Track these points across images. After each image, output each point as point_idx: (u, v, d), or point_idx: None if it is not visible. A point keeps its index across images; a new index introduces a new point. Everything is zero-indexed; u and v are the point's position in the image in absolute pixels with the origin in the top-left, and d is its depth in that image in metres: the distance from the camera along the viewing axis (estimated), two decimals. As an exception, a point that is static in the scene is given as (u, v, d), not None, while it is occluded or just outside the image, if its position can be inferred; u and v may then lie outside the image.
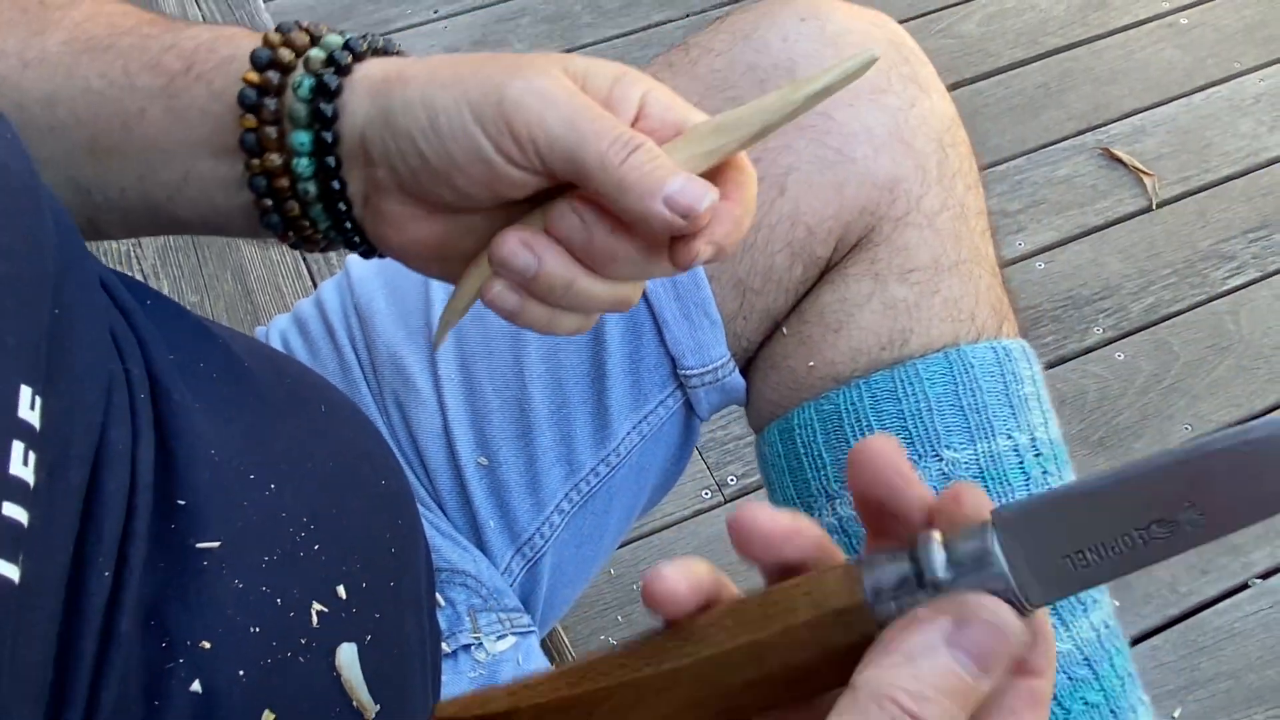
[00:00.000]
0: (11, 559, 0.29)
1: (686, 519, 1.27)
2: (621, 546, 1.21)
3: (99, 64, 0.42)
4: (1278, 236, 1.53)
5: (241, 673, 0.35)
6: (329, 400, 0.49)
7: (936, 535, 0.28)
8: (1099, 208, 1.57)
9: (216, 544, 0.37)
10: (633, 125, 0.37)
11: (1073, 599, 0.50)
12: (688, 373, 0.56)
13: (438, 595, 0.53)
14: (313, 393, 0.48)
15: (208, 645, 0.35)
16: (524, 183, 0.37)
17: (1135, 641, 1.19)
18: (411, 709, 0.44)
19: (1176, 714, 1.14)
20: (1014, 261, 1.52)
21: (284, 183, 0.40)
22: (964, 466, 0.49)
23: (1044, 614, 0.29)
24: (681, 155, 0.36)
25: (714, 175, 0.37)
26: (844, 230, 0.53)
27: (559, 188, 0.37)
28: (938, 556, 0.28)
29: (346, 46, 0.40)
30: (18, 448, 0.29)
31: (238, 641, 0.36)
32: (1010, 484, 0.50)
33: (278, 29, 0.41)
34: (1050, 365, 1.41)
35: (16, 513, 0.29)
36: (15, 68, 0.42)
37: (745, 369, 0.58)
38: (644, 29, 1.83)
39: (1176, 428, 1.35)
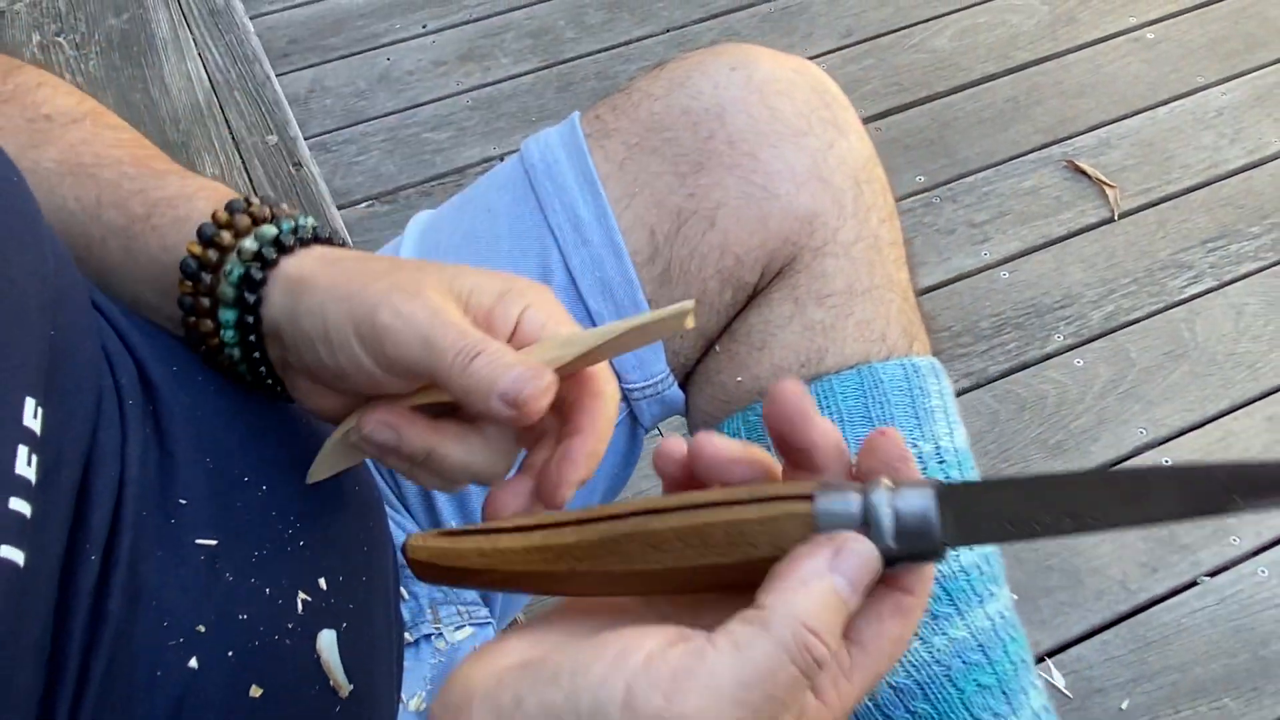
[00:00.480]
0: (17, 545, 0.34)
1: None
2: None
3: (78, 188, 0.48)
4: (1234, 246, 1.59)
5: (231, 653, 0.41)
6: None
7: (885, 491, 0.33)
8: (1063, 218, 1.63)
9: (214, 542, 0.42)
10: (510, 337, 0.41)
11: (969, 591, 0.55)
12: (630, 386, 0.62)
13: (403, 589, 0.59)
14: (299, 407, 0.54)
15: (203, 629, 0.40)
16: (402, 387, 0.41)
17: (1086, 636, 1.24)
18: (377, 691, 0.50)
19: (1124, 705, 1.20)
20: (980, 271, 1.57)
21: (215, 341, 0.45)
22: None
23: (927, 580, 0.35)
24: (533, 359, 0.40)
25: (575, 403, 0.41)
26: (769, 259, 0.58)
27: None
28: (886, 519, 0.33)
29: (277, 241, 0.45)
30: (22, 451, 0.35)
31: (230, 626, 0.41)
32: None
33: (228, 207, 0.46)
34: (1012, 371, 1.47)
35: (21, 506, 0.35)
36: None
37: (684, 383, 0.64)
38: (625, 44, 1.89)
39: (1132, 432, 1.40)
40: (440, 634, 0.58)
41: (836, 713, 0.32)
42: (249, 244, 0.44)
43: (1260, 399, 1.43)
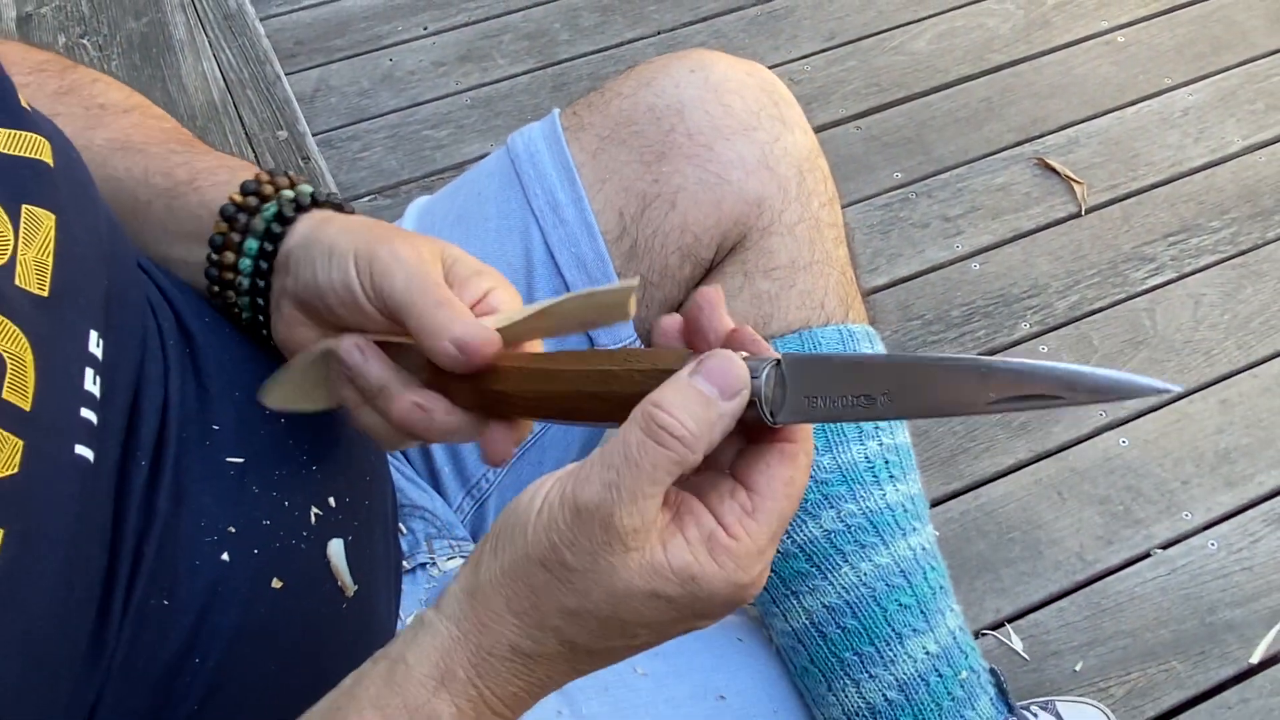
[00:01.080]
0: (88, 445, 0.43)
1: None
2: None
3: (127, 161, 0.57)
4: (1195, 240, 1.67)
5: (256, 551, 0.50)
6: None
7: (770, 367, 0.39)
8: (1032, 213, 1.71)
9: (241, 460, 0.51)
10: (473, 305, 0.47)
11: (893, 525, 0.63)
12: (600, 347, 0.70)
13: (401, 524, 0.67)
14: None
15: (233, 530, 0.49)
16: (375, 318, 0.48)
17: (1045, 604, 1.32)
18: (378, 599, 0.58)
19: (1078, 667, 1.28)
20: (952, 262, 1.65)
21: (229, 276, 0.53)
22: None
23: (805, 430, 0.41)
24: (486, 321, 0.46)
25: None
26: (722, 237, 0.66)
27: None
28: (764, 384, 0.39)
29: (311, 197, 0.53)
30: (89, 372, 0.44)
31: (255, 529, 0.50)
32: (846, 437, 0.64)
33: (268, 172, 0.54)
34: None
35: (90, 415, 0.43)
36: None
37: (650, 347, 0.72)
38: (617, 45, 1.97)
39: (1092, 413, 1.48)
40: (434, 563, 0.66)
41: (749, 547, 0.38)
42: (288, 193, 0.53)
43: (1214, 383, 1.51)
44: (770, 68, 1.98)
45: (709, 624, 0.40)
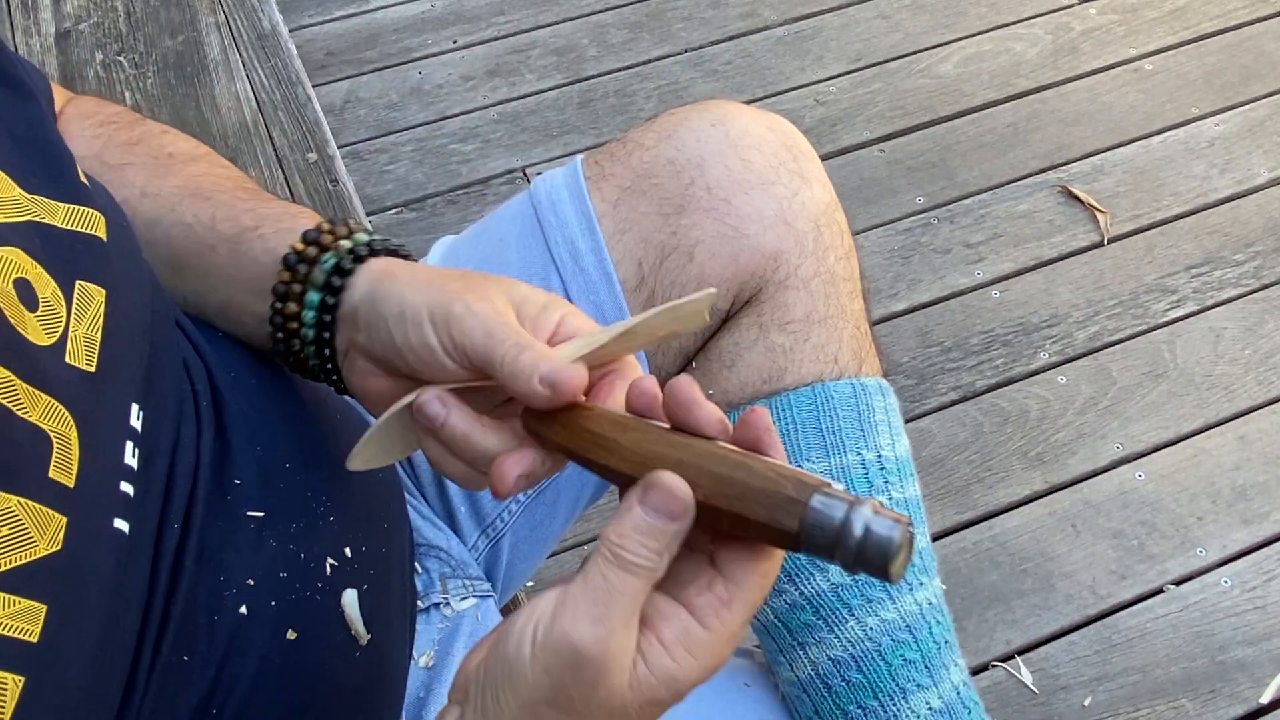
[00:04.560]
0: (125, 518, 0.44)
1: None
2: (567, 550, 1.36)
3: (196, 207, 0.58)
4: (1218, 273, 1.67)
5: (273, 603, 0.51)
6: (342, 410, 0.65)
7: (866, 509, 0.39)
8: (1054, 241, 1.71)
9: (261, 514, 0.52)
10: (550, 339, 0.49)
11: (905, 582, 0.64)
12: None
13: (417, 564, 0.69)
14: (332, 401, 0.64)
15: (251, 582, 0.51)
16: (454, 371, 0.49)
17: (1055, 637, 1.33)
18: (392, 643, 0.60)
19: (1087, 702, 1.28)
20: (973, 289, 1.66)
21: (294, 325, 0.54)
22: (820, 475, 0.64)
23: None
24: (567, 351, 0.47)
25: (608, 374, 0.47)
26: (739, 289, 0.68)
27: None
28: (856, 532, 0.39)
29: (369, 244, 0.54)
30: (129, 445, 0.45)
31: (271, 581, 0.51)
32: (857, 490, 0.65)
33: (329, 221, 0.56)
34: (998, 385, 1.55)
35: (128, 488, 0.45)
36: (136, 196, 0.59)
37: (666, 395, 0.73)
38: (644, 63, 1.98)
39: (1109, 446, 1.48)
40: (448, 603, 0.68)
41: (722, 635, 0.41)
42: (345, 243, 0.54)
43: (1233, 419, 1.51)
44: (796, 88, 2.00)
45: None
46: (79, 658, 0.42)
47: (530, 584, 1.02)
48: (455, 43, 2.03)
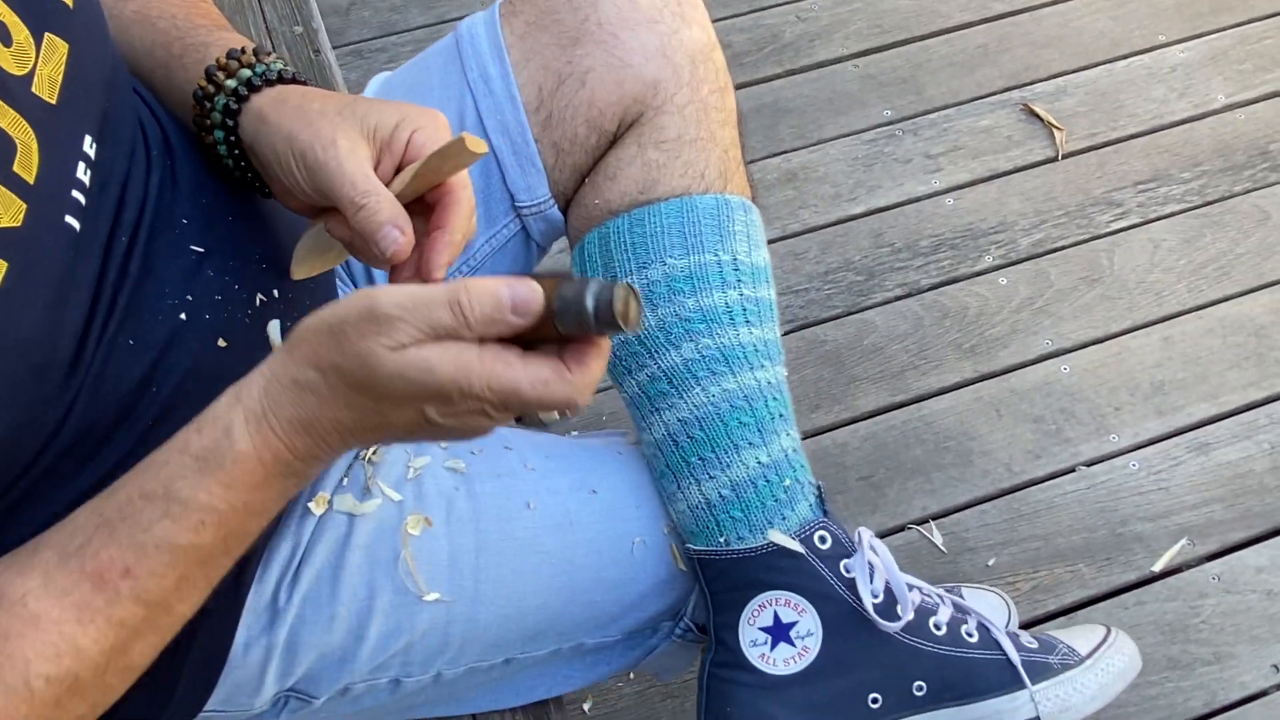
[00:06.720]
0: (76, 218, 0.57)
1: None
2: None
3: (141, 33, 0.70)
4: (1164, 189, 1.75)
5: (208, 316, 0.64)
6: None
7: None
8: (1011, 155, 1.80)
9: (202, 250, 0.65)
10: (403, 157, 0.60)
11: (742, 360, 0.76)
12: (521, 205, 0.83)
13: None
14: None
15: (190, 298, 0.63)
16: (322, 201, 0.61)
17: (967, 506, 1.44)
18: None
19: (991, 562, 1.40)
20: (928, 197, 1.75)
21: (218, 154, 0.67)
22: (680, 270, 0.76)
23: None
24: (401, 181, 0.60)
25: (442, 205, 0.60)
26: (623, 113, 0.79)
27: None
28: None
29: (249, 83, 0.65)
30: (81, 165, 0.58)
31: (208, 301, 0.64)
32: (710, 285, 0.77)
33: (228, 54, 0.66)
34: (942, 284, 1.65)
35: (79, 197, 0.58)
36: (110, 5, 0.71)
37: (565, 209, 0.85)
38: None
39: (1040, 342, 1.58)
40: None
41: (476, 369, 0.49)
42: (229, 83, 0.65)
43: (1159, 322, 1.60)
44: (779, 5, 2.07)
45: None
46: (34, 308, 0.55)
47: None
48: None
